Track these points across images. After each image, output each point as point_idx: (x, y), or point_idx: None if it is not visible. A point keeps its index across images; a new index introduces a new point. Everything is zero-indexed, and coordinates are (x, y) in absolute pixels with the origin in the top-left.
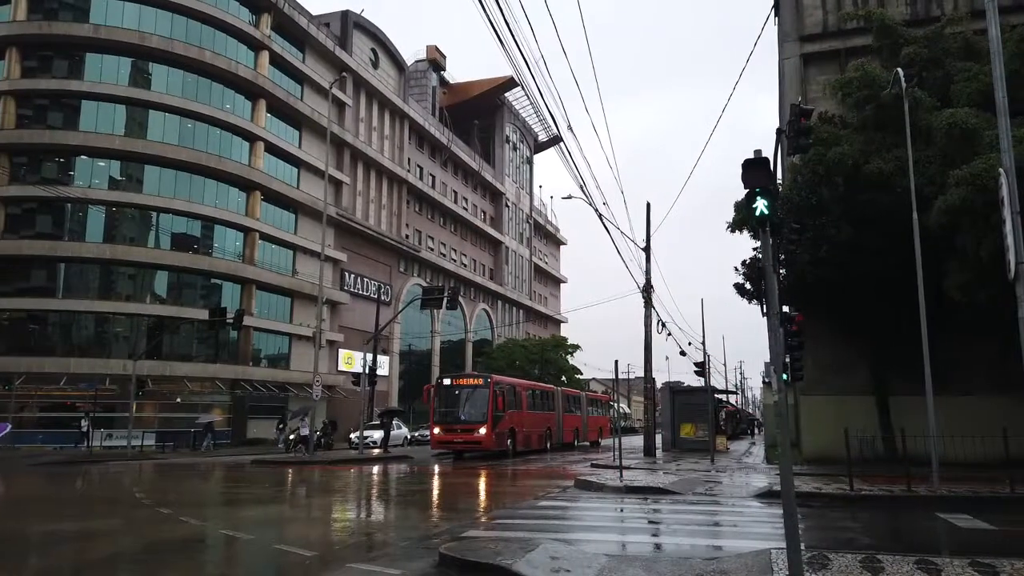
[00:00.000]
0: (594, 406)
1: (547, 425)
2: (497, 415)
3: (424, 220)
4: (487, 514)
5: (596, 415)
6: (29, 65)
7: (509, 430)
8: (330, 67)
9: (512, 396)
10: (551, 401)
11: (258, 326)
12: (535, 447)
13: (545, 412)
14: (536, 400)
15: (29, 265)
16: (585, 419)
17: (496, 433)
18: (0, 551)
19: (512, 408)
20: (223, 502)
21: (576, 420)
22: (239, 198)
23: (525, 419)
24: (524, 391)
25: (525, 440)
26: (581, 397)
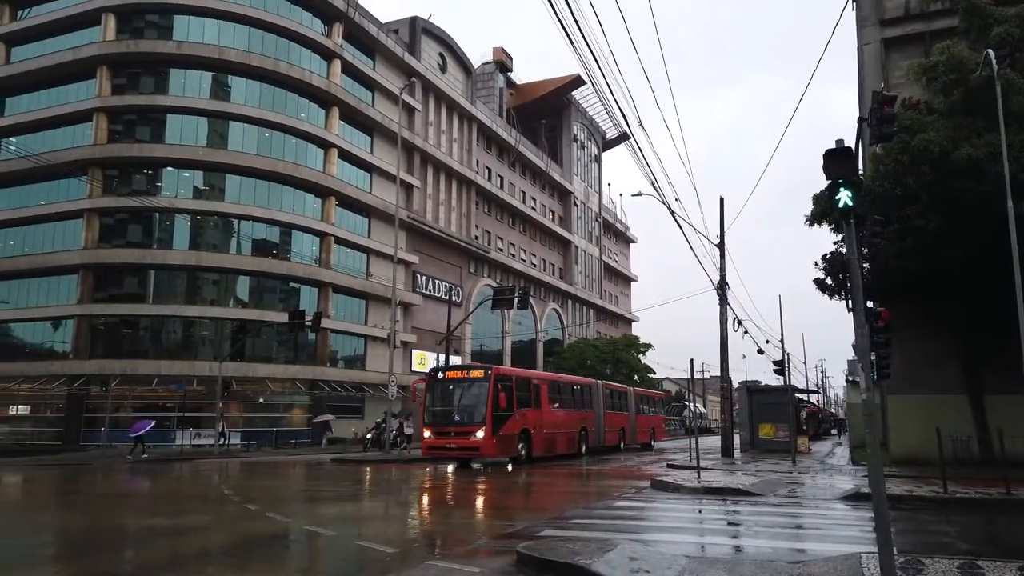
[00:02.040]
0: (646, 404)
1: (581, 425)
2: (499, 415)
3: (493, 221)
4: (562, 514)
5: (648, 414)
6: (118, 82)
7: (520, 432)
8: (400, 73)
9: (525, 391)
10: (586, 397)
11: (335, 328)
12: (561, 451)
13: (577, 410)
14: (562, 396)
15: (122, 272)
16: (633, 418)
17: (500, 436)
18: (102, 544)
19: (526, 406)
20: (306, 499)
21: (622, 419)
22: (315, 204)
23: (546, 418)
24: (544, 385)
25: (546, 443)
26: (628, 393)
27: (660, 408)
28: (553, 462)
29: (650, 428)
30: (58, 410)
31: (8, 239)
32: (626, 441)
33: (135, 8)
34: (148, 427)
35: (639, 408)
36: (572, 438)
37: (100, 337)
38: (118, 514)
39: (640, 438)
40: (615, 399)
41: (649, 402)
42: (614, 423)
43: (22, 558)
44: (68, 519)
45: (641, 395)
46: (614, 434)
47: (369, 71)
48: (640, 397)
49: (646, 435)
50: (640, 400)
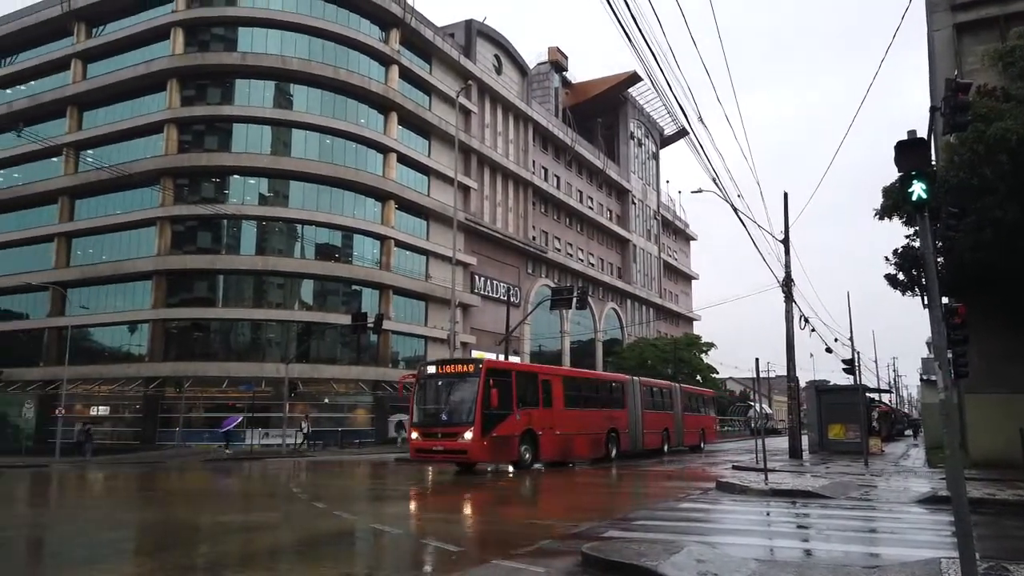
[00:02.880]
0: (695, 402)
1: (608, 426)
2: (491, 414)
3: (550, 221)
4: (626, 515)
5: (697, 414)
6: (187, 94)
7: (523, 434)
8: (456, 76)
9: (530, 388)
10: (616, 396)
11: (395, 329)
12: (581, 455)
13: (603, 410)
14: (583, 393)
15: (192, 278)
16: (679, 418)
17: (492, 439)
18: (179, 539)
19: (531, 405)
20: (371, 498)
21: (664, 419)
22: (375, 208)
23: (558, 418)
24: (556, 381)
25: (560, 446)
26: (673, 391)
27: (711, 407)
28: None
29: (699, 429)
30: (135, 411)
31: (88, 247)
32: (670, 443)
33: (202, 22)
34: (234, 423)
35: (687, 407)
36: (596, 440)
37: (173, 340)
38: (193, 511)
39: (688, 440)
40: (656, 397)
41: (698, 401)
42: (655, 424)
43: (107, 553)
44: (147, 515)
45: (689, 393)
46: (654, 436)
47: (426, 75)
48: (687, 395)
49: (695, 436)
50: (687, 398)
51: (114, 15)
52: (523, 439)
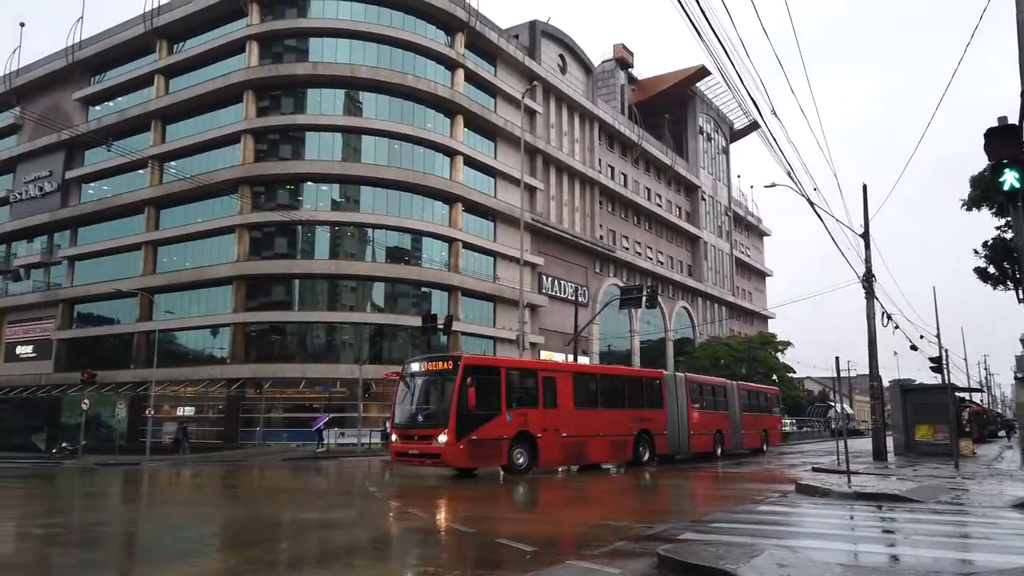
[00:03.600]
0: (755, 401)
1: (637, 427)
2: (468, 415)
3: (618, 220)
4: (702, 517)
5: (759, 413)
6: (262, 105)
7: (516, 436)
8: (520, 77)
9: (526, 386)
10: (648, 394)
11: (465, 330)
12: (599, 459)
13: (631, 409)
14: (597, 392)
15: (270, 282)
16: (737, 419)
17: (471, 441)
18: (261, 535)
19: (526, 404)
20: (445, 496)
21: (717, 420)
22: (443, 210)
23: (565, 419)
24: (562, 378)
25: (567, 450)
26: (728, 388)
27: (775, 406)
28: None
29: (761, 430)
30: (219, 411)
31: (172, 254)
32: (725, 446)
33: (275, 34)
34: (323, 421)
35: (746, 406)
36: (620, 443)
37: (252, 343)
38: (275, 507)
39: (748, 442)
40: (706, 396)
41: (760, 399)
42: (704, 424)
43: (197, 547)
44: (232, 511)
45: (748, 391)
46: (703, 438)
47: (491, 77)
48: (746, 393)
49: (755, 438)
50: (747, 397)
51: (193, 31)
52: (516, 442)
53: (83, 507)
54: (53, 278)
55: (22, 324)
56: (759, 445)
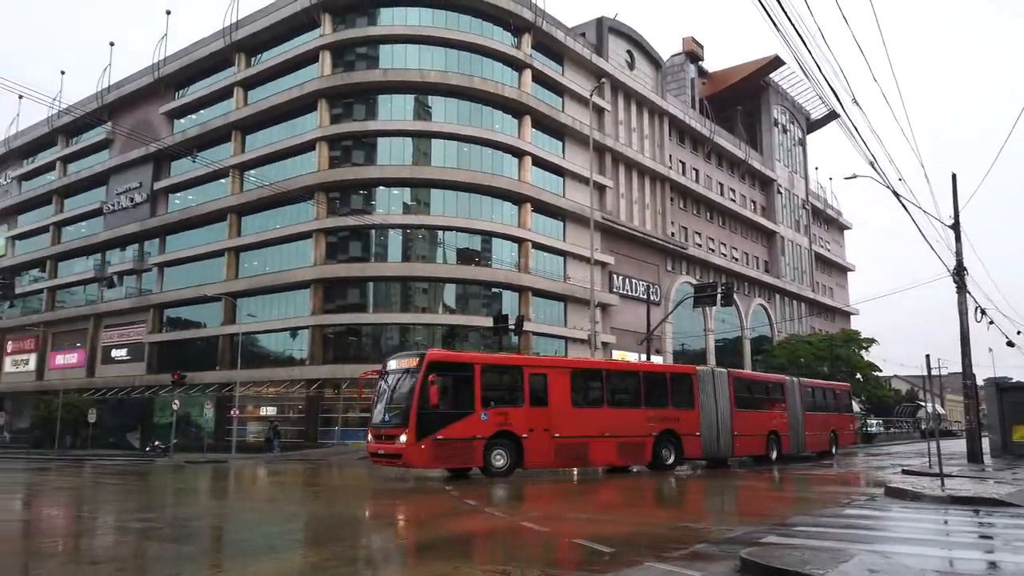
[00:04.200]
0: (823, 399)
1: (657, 428)
2: (430, 414)
3: (690, 216)
4: (785, 520)
5: (826, 412)
6: (335, 112)
7: (494, 436)
8: (588, 75)
9: (507, 383)
10: (676, 392)
11: (536, 331)
12: (604, 462)
13: (648, 409)
14: (601, 390)
15: (345, 285)
16: (798, 418)
17: (436, 442)
18: (341, 531)
19: (508, 403)
20: (519, 496)
21: (770, 420)
22: (512, 211)
23: (559, 419)
24: (555, 375)
25: (560, 452)
26: (787, 385)
27: (846, 404)
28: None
29: (828, 431)
30: (299, 411)
31: (253, 259)
32: (783, 448)
33: (347, 43)
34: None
35: (810, 405)
36: (633, 445)
37: (330, 344)
38: (354, 505)
39: (813, 444)
40: (758, 394)
41: (828, 396)
42: (753, 424)
43: (281, 542)
44: (313, 508)
45: (812, 388)
46: (752, 440)
47: (558, 77)
48: (811, 391)
49: (821, 440)
50: (810, 395)
51: (269, 44)
52: (494, 442)
53: (175, 503)
54: (144, 284)
55: (117, 328)
56: (827, 447)
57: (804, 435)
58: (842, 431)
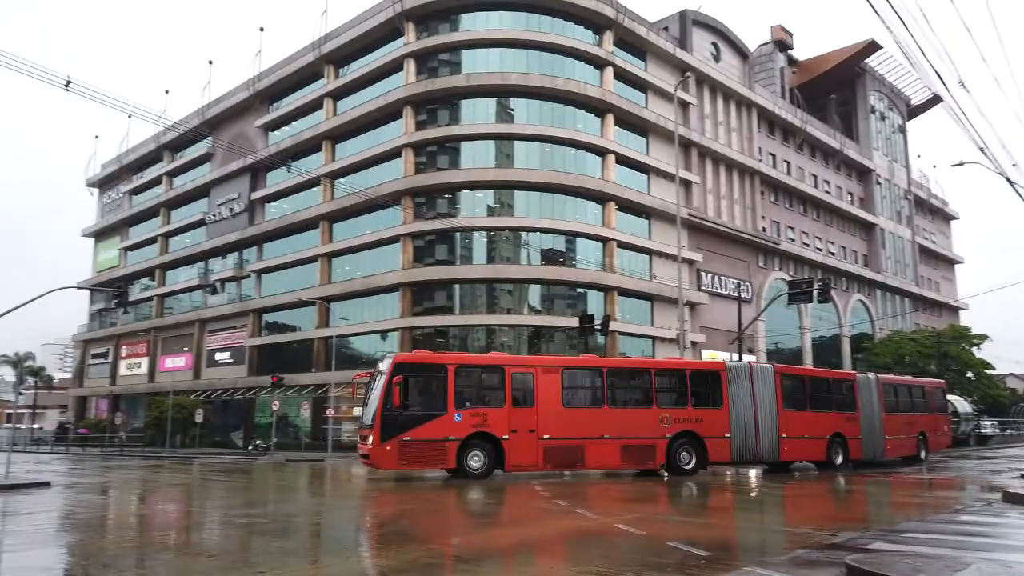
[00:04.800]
0: (908, 397)
1: (675, 430)
2: (396, 415)
3: (781, 210)
4: (893, 526)
5: (910, 414)
6: (420, 119)
7: (469, 437)
8: (671, 69)
9: (479, 384)
10: (695, 391)
11: (622, 331)
12: (605, 465)
13: (660, 409)
14: (601, 387)
15: (432, 288)
16: (873, 419)
17: (402, 443)
18: (433, 530)
19: (487, 403)
20: (610, 497)
21: (832, 422)
22: (596, 210)
23: (547, 420)
24: (542, 374)
25: (548, 454)
26: (858, 382)
27: (940, 404)
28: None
29: (914, 433)
30: None
31: (345, 265)
32: (852, 453)
33: (430, 50)
34: None
35: (891, 405)
36: (642, 448)
37: (419, 346)
38: (443, 504)
39: (894, 449)
40: (815, 392)
41: (913, 395)
42: (806, 426)
43: (377, 538)
44: (407, 507)
45: (895, 385)
46: (807, 444)
47: (641, 73)
48: (892, 389)
49: (906, 444)
50: (892, 392)
51: (356, 55)
52: (469, 444)
53: (278, 499)
54: (244, 290)
55: (220, 333)
56: (913, 451)
57: (882, 438)
58: (933, 433)
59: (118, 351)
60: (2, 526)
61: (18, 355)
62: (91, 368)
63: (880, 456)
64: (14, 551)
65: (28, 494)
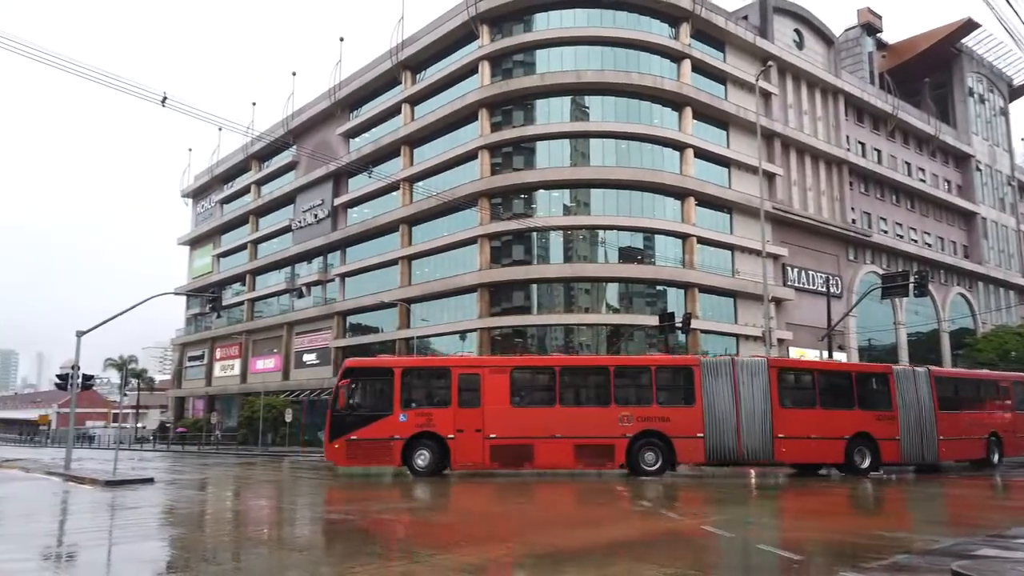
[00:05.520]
0: (972, 393)
1: (638, 429)
2: (340, 416)
3: (872, 200)
4: (1002, 532)
5: (977, 412)
6: (495, 120)
7: (414, 437)
8: (752, 59)
9: (425, 385)
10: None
11: (704, 328)
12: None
13: (620, 408)
14: (554, 386)
15: (510, 288)
16: (925, 418)
17: (349, 443)
18: (521, 528)
19: (434, 403)
20: (694, 498)
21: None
22: (674, 206)
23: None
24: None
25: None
26: (904, 376)
27: (1019, 401)
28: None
29: (983, 435)
30: None
31: (424, 267)
32: (887, 455)
33: (505, 52)
34: None
35: (949, 402)
36: (600, 448)
37: (498, 346)
38: (528, 503)
39: (951, 452)
40: (824, 388)
41: (982, 391)
42: (810, 425)
43: (459, 539)
44: (495, 508)
45: (955, 379)
46: (820, 445)
47: (719, 64)
48: (952, 383)
49: (971, 446)
50: (951, 388)
51: (432, 60)
52: (414, 443)
53: (364, 497)
54: (328, 294)
55: (307, 335)
56: (980, 455)
57: (935, 439)
58: (1012, 434)
59: (213, 353)
60: (112, 519)
61: (122, 358)
62: (188, 370)
63: (932, 459)
64: (122, 543)
65: (134, 489)
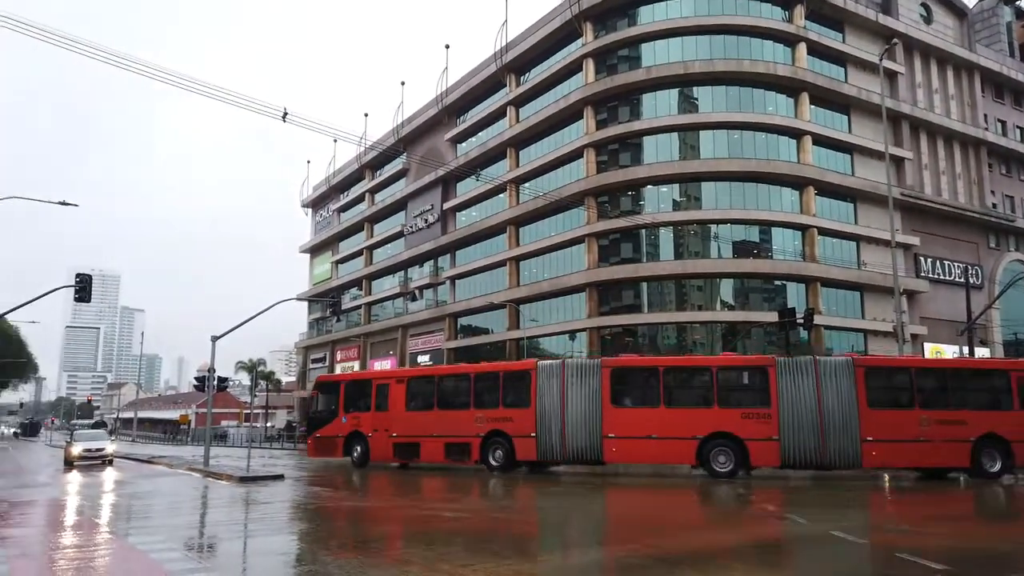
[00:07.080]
0: (950, 387)
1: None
2: (313, 418)
3: (1015, 183)
4: None
5: (953, 410)
6: (600, 117)
7: (350, 435)
8: (874, 38)
9: (358, 394)
10: (509, 391)
11: (827, 324)
12: (433, 460)
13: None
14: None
15: (619, 287)
16: (849, 415)
17: (316, 439)
18: (634, 532)
19: (361, 409)
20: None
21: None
22: (792, 197)
23: (395, 421)
24: (393, 384)
25: (401, 450)
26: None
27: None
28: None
29: (968, 437)
30: None
31: (532, 267)
32: (756, 460)
33: (609, 47)
34: None
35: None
36: (460, 446)
37: (607, 345)
38: (639, 507)
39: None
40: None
41: (969, 384)
42: (651, 425)
43: (579, 539)
44: (595, 509)
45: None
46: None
47: (838, 45)
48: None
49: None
50: (885, 379)
51: (536, 61)
52: (351, 440)
53: (479, 494)
54: (440, 296)
55: (420, 336)
56: (961, 462)
57: (857, 440)
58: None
59: (333, 356)
60: (246, 514)
61: (252, 361)
62: (311, 372)
63: (852, 464)
64: (256, 536)
65: (266, 485)
